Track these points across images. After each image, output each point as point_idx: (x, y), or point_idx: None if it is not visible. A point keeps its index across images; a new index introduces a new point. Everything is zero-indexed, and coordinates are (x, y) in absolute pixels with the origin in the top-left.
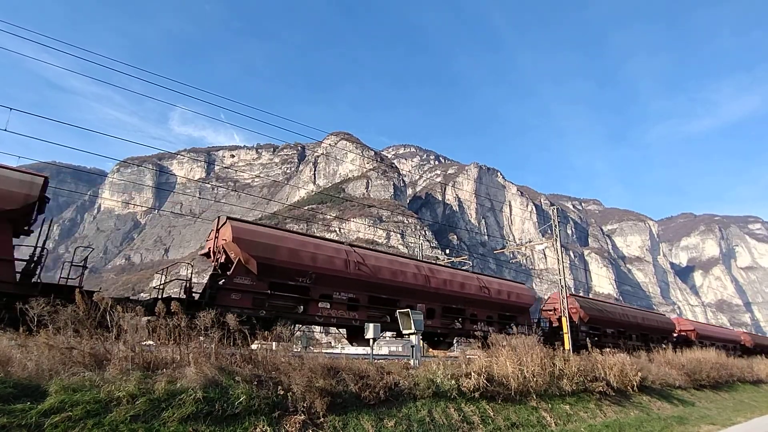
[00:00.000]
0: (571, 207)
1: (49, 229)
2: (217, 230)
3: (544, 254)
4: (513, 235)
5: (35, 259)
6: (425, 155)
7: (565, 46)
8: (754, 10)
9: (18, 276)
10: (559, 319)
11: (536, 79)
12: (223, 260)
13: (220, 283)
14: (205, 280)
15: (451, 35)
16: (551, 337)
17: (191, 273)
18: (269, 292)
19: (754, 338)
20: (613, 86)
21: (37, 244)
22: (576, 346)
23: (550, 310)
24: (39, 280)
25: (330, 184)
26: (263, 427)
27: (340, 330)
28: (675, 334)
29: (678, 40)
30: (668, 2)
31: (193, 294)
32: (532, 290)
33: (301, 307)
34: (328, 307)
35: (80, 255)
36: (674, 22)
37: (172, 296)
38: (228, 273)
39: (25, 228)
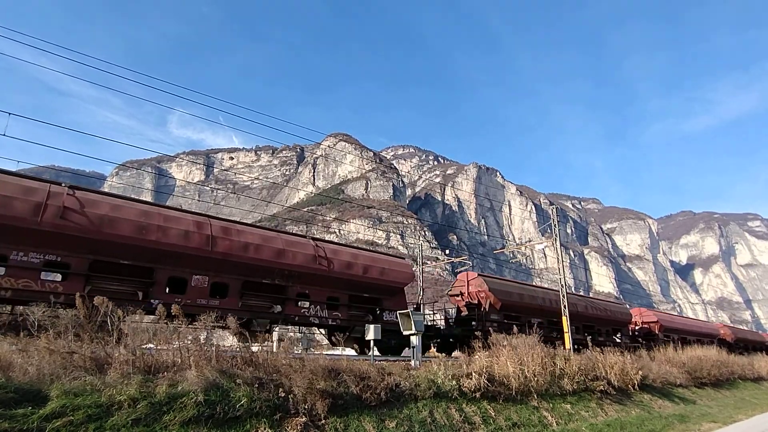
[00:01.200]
0: (570, 206)
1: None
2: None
3: (544, 254)
4: (513, 235)
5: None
6: (424, 156)
7: (562, 46)
8: (750, 9)
9: None
10: (467, 305)
11: (534, 79)
12: None
13: None
14: None
15: (449, 36)
16: (461, 326)
17: None
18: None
19: (737, 332)
20: (610, 86)
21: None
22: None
23: (457, 295)
24: None
25: (329, 186)
26: (264, 429)
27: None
28: (635, 327)
29: (675, 39)
30: (665, 1)
31: None
32: (409, 266)
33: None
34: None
35: None
36: (671, 21)
37: None
38: None
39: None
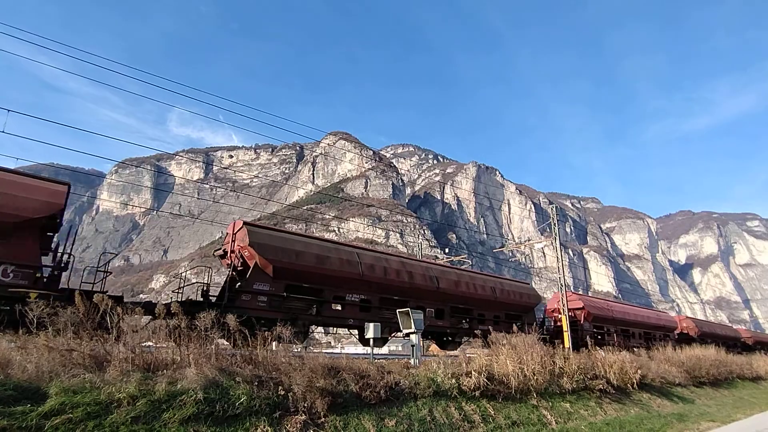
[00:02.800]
0: (569, 205)
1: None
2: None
3: (543, 252)
4: (512, 234)
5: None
6: (424, 154)
7: (562, 46)
8: (748, 10)
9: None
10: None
11: (534, 79)
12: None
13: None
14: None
15: (449, 35)
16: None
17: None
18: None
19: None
20: (610, 86)
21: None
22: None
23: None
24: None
25: (329, 184)
26: (264, 427)
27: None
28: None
29: (674, 40)
30: (664, 2)
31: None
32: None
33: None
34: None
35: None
36: (670, 23)
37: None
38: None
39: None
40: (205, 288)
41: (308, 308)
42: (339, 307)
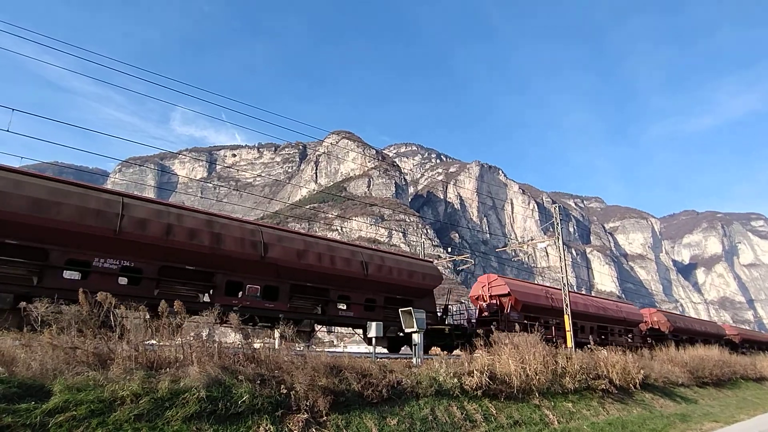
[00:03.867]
0: (572, 205)
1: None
2: None
3: (546, 252)
4: (515, 233)
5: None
6: (427, 154)
7: (564, 42)
8: (753, 8)
9: None
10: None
11: (536, 76)
12: None
13: None
14: None
15: (450, 33)
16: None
17: None
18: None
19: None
20: (612, 82)
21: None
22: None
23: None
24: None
25: (331, 183)
26: (266, 425)
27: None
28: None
29: (678, 35)
30: None
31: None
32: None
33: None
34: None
35: None
36: (674, 18)
37: None
38: None
39: None
40: None
41: None
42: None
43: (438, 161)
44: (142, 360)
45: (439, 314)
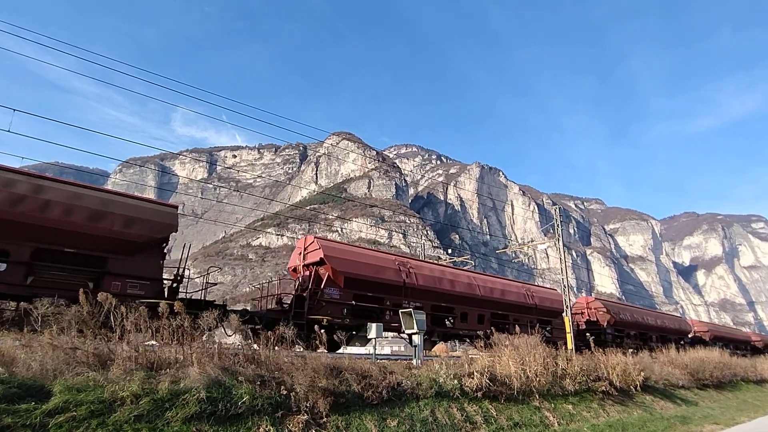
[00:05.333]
0: (573, 206)
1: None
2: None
3: (547, 254)
4: (515, 235)
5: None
6: (427, 155)
7: (564, 45)
8: (753, 9)
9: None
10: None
11: (536, 79)
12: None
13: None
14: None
15: (450, 35)
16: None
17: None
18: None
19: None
20: (613, 84)
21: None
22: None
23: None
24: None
25: (332, 184)
26: (266, 426)
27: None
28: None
29: (677, 37)
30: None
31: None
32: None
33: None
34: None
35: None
36: (674, 20)
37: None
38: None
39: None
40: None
41: None
42: None
43: (438, 162)
44: (143, 361)
45: None
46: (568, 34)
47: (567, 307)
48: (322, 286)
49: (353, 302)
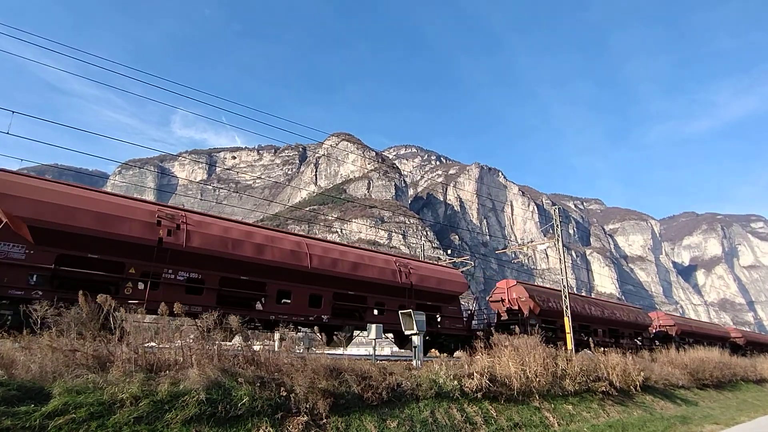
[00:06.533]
0: (572, 207)
1: None
2: None
3: (546, 254)
4: (515, 235)
5: None
6: (426, 156)
7: (564, 48)
8: (751, 13)
9: None
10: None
11: (536, 81)
12: None
13: None
14: None
15: (451, 37)
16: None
17: None
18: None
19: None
20: (612, 87)
21: None
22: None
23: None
24: None
25: (331, 185)
26: (266, 428)
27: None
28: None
29: (676, 42)
30: (666, 4)
31: None
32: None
33: None
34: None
35: None
36: (673, 25)
37: None
38: None
39: None
40: None
41: None
42: None
43: (438, 163)
44: (142, 362)
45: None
46: (570, 40)
47: (566, 307)
48: None
49: (53, 266)
